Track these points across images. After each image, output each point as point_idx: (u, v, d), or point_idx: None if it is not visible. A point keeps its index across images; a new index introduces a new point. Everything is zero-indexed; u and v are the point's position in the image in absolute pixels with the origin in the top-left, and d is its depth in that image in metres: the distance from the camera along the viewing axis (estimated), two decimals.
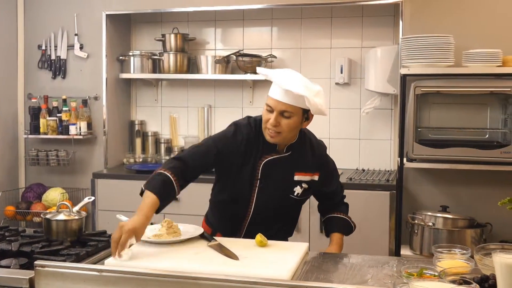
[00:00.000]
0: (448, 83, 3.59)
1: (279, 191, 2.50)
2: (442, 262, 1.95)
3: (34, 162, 4.57)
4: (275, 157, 2.47)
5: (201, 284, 1.63)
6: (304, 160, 2.52)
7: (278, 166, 2.48)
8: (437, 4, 3.83)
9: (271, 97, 2.38)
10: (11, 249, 2.17)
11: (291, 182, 2.50)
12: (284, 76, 2.38)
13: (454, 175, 3.81)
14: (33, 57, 4.69)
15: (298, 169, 2.51)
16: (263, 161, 2.47)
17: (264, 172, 2.47)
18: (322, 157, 2.62)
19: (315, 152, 2.58)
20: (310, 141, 2.60)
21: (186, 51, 4.57)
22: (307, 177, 2.53)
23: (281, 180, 2.49)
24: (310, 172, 2.53)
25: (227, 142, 2.46)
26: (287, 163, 2.49)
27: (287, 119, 2.37)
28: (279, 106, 2.35)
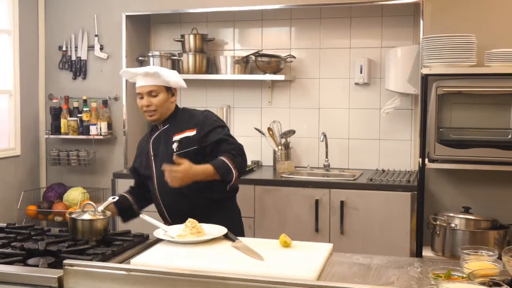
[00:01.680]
0: (470, 83, 3.57)
1: (166, 155, 2.83)
2: (469, 264, 1.93)
3: (55, 162, 4.61)
4: (157, 132, 2.93)
5: (229, 284, 1.63)
6: (180, 124, 2.89)
7: (161, 138, 2.91)
8: (459, 3, 3.80)
9: (137, 86, 2.87)
10: (38, 248, 2.19)
11: (171, 143, 2.86)
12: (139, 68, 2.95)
13: (476, 175, 3.78)
14: (54, 58, 4.73)
15: (175, 132, 2.88)
16: (150, 140, 2.94)
17: (153, 147, 2.92)
18: (199, 116, 2.91)
19: (192, 115, 2.94)
20: (190, 110, 3.02)
21: (205, 52, 4.58)
22: (182, 135, 2.85)
23: (165, 147, 2.87)
24: (186, 130, 2.86)
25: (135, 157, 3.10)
26: (167, 132, 2.90)
27: (155, 97, 2.84)
28: (146, 89, 2.84)
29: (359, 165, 4.41)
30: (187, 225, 2.39)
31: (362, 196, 3.80)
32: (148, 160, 2.92)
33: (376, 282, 1.99)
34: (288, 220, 3.90)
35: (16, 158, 4.54)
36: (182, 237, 2.32)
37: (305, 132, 4.53)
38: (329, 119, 4.48)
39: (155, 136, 2.93)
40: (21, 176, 4.60)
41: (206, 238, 2.32)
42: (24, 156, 4.61)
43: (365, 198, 3.80)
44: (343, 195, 3.82)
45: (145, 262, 2.03)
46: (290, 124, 4.54)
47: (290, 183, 3.98)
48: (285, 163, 4.30)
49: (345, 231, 3.83)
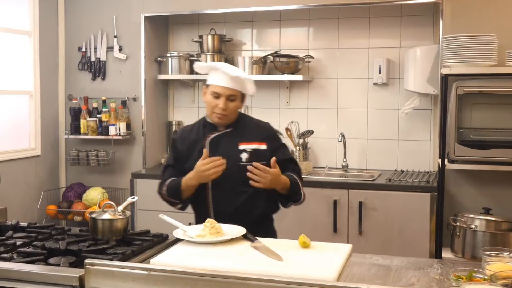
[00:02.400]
0: (491, 83, 3.53)
1: (228, 160, 2.66)
2: (491, 266, 1.91)
3: (75, 162, 4.65)
4: (218, 133, 2.76)
5: (249, 284, 1.63)
6: (247, 133, 2.76)
7: (222, 140, 2.75)
8: (479, 3, 3.77)
9: (217, 85, 2.68)
10: (59, 248, 2.21)
11: (237, 151, 2.71)
12: (224, 64, 2.74)
13: (497, 176, 3.74)
14: (74, 59, 4.78)
15: (242, 140, 2.73)
16: (208, 139, 2.75)
17: (211, 147, 2.73)
18: (268, 129, 2.84)
19: (260, 126, 2.84)
20: (252, 119, 2.90)
21: (223, 52, 4.59)
22: (252, 145, 2.73)
23: (227, 151, 2.71)
24: (256, 142, 2.73)
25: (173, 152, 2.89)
26: (230, 137, 2.75)
27: (233, 102, 2.70)
28: (227, 92, 2.67)
29: (378, 165, 4.39)
30: (206, 225, 2.40)
31: (380, 196, 3.78)
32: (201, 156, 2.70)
33: (397, 284, 1.98)
34: (307, 221, 3.89)
35: (36, 158, 4.59)
36: (201, 237, 2.32)
37: (323, 133, 4.52)
38: (348, 120, 4.46)
39: (214, 136, 2.76)
40: (41, 176, 4.65)
41: (225, 238, 2.32)
42: (44, 156, 4.66)
43: (384, 198, 3.78)
44: (362, 195, 3.81)
45: (165, 262, 2.04)
46: (308, 124, 4.54)
47: (309, 183, 3.96)
48: (303, 163, 4.29)
49: (363, 232, 3.81)
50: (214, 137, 2.76)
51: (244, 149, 2.71)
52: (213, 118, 2.74)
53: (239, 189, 2.68)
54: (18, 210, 4.24)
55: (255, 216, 2.70)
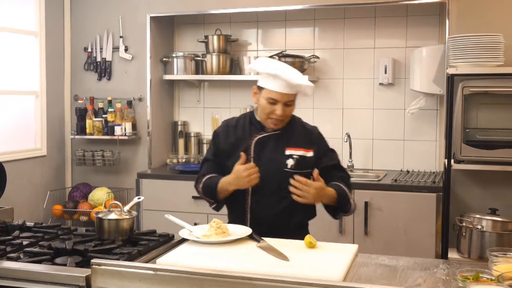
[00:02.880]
0: (497, 83, 3.52)
1: (273, 165, 2.60)
2: (498, 266, 1.91)
3: (81, 162, 4.67)
4: (265, 134, 2.65)
5: (256, 284, 1.63)
6: (294, 137, 2.66)
7: (269, 143, 2.64)
8: (485, 3, 3.76)
9: (274, 91, 2.52)
10: (65, 248, 2.21)
11: (283, 155, 2.61)
12: (284, 70, 2.53)
13: (503, 176, 3.73)
14: (79, 59, 4.79)
15: (289, 144, 2.63)
16: (254, 139, 2.64)
17: (257, 148, 2.63)
18: (315, 134, 2.74)
19: (307, 130, 2.72)
20: (300, 122, 2.76)
21: (228, 52, 4.59)
22: (299, 152, 2.63)
23: (273, 154, 2.62)
24: (303, 148, 2.64)
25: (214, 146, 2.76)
26: (277, 139, 2.64)
27: (290, 107, 2.58)
28: (285, 98, 2.53)
29: (383, 165, 4.38)
30: (212, 225, 2.40)
31: (386, 197, 3.78)
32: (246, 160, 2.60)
33: (403, 284, 1.98)
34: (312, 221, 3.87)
35: (42, 158, 4.60)
36: (207, 237, 2.33)
37: (329, 133, 4.46)
38: (353, 120, 4.46)
39: (261, 137, 2.64)
40: (47, 176, 4.66)
41: (231, 239, 2.32)
42: (50, 156, 4.67)
43: (390, 199, 3.78)
44: (367, 196, 3.80)
45: (171, 262, 2.04)
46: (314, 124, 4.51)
47: None
48: None
49: (369, 232, 3.81)
50: (260, 138, 2.64)
51: (290, 154, 2.61)
52: (267, 123, 2.62)
53: (280, 195, 2.58)
54: (24, 210, 4.25)
55: (293, 223, 2.63)
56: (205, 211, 4.14)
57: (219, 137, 2.73)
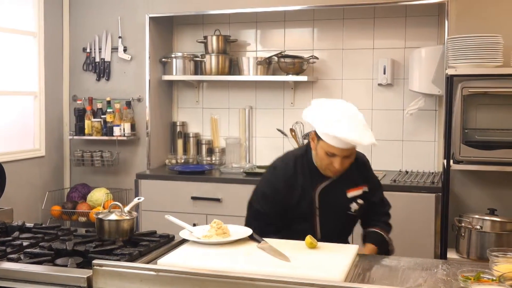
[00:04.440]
0: (496, 84, 3.52)
1: (338, 212, 2.61)
2: (499, 266, 1.91)
3: (79, 162, 4.66)
4: (328, 182, 2.59)
5: (257, 285, 1.63)
6: (352, 175, 2.62)
7: (331, 190, 2.59)
8: (484, 3, 3.76)
9: (334, 146, 2.42)
10: (65, 248, 2.21)
11: (346, 200, 2.61)
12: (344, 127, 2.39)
13: (502, 177, 3.74)
14: (78, 60, 4.78)
15: (349, 186, 2.61)
16: (317, 189, 2.58)
17: (321, 199, 2.59)
18: (365, 166, 2.73)
19: (358, 163, 2.66)
20: None
21: (227, 53, 4.59)
22: (359, 191, 2.64)
23: (337, 202, 2.60)
24: (360, 185, 2.64)
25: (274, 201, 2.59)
26: (338, 184, 2.60)
27: (349, 158, 2.51)
28: (344, 153, 2.46)
29: (382, 166, 4.38)
30: (213, 225, 2.40)
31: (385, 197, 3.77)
32: (311, 210, 2.59)
33: (404, 284, 1.98)
34: None
35: (41, 158, 4.59)
36: (208, 237, 2.33)
37: None
38: None
39: (324, 186, 2.58)
40: (46, 176, 4.65)
41: (232, 239, 2.32)
42: (48, 157, 4.66)
43: (389, 199, 3.71)
44: None
45: (172, 262, 2.04)
46: None
47: None
48: None
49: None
50: (323, 188, 2.59)
51: (353, 197, 2.62)
52: (326, 173, 2.56)
53: (343, 238, 2.68)
54: (22, 210, 4.24)
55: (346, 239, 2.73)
56: (204, 211, 4.15)
57: (280, 194, 2.58)
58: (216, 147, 4.73)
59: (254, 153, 4.68)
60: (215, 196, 4.13)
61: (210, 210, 4.11)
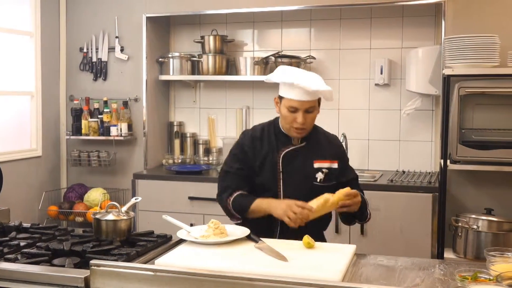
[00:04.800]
0: (493, 84, 3.53)
1: (303, 180, 2.61)
2: (496, 266, 1.91)
3: (76, 162, 4.65)
4: (292, 148, 2.63)
5: (256, 285, 1.63)
6: (320, 148, 2.67)
7: (297, 156, 2.63)
8: (481, 4, 3.77)
9: (293, 99, 2.51)
10: (63, 249, 2.20)
11: (312, 169, 2.62)
12: (300, 77, 2.52)
13: (499, 177, 3.75)
14: (75, 60, 4.78)
15: (316, 157, 2.64)
16: (282, 153, 2.62)
17: (285, 163, 2.61)
18: (338, 146, 2.76)
19: (330, 141, 2.74)
20: (323, 132, 2.77)
21: (224, 53, 4.59)
22: (326, 164, 2.65)
23: (302, 169, 2.61)
24: (328, 159, 2.66)
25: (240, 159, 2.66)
26: (304, 152, 2.64)
27: (311, 113, 2.56)
28: (305, 105, 2.52)
29: (379, 166, 4.39)
30: (210, 225, 2.40)
31: (382, 197, 3.78)
32: (274, 174, 2.61)
33: (401, 284, 1.99)
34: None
35: (38, 159, 4.59)
36: (205, 237, 2.33)
37: None
38: (349, 120, 4.46)
39: (287, 151, 2.62)
40: (42, 176, 4.64)
41: (229, 239, 2.32)
42: (45, 157, 4.66)
43: (386, 199, 3.78)
44: None
45: (170, 262, 2.04)
46: None
47: None
48: None
49: (365, 232, 3.81)
50: (287, 151, 2.62)
51: (319, 168, 2.62)
52: (291, 133, 2.60)
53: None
54: (19, 211, 4.23)
55: (316, 233, 2.54)
56: (201, 211, 4.15)
57: (247, 154, 2.65)
58: (213, 147, 4.73)
59: None
60: (212, 196, 4.06)
61: (207, 210, 4.11)
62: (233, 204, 2.62)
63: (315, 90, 2.49)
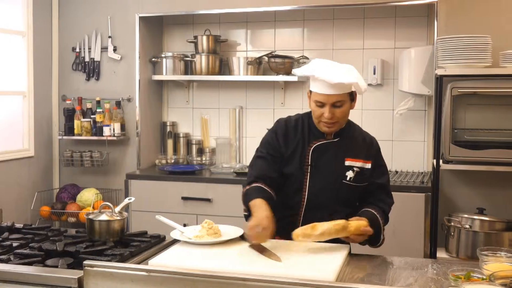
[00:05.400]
0: (485, 84, 3.55)
1: (331, 176, 2.49)
2: (488, 265, 1.92)
3: (69, 163, 4.63)
4: (324, 142, 2.51)
5: (250, 285, 1.63)
6: (354, 146, 2.53)
7: (327, 151, 2.51)
8: (473, 4, 3.79)
9: (319, 93, 2.41)
10: (56, 249, 2.20)
11: (343, 167, 2.50)
12: (324, 69, 2.40)
13: (491, 176, 3.77)
14: (68, 59, 4.76)
15: (348, 154, 2.51)
16: (312, 146, 2.51)
17: (314, 157, 2.50)
18: (373, 146, 2.61)
19: (365, 140, 2.60)
20: (360, 130, 2.64)
21: (218, 53, 4.59)
22: (358, 163, 2.51)
23: (332, 165, 2.49)
24: (362, 159, 2.52)
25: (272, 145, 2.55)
26: (336, 148, 2.51)
27: (339, 108, 2.42)
28: (331, 99, 2.39)
29: None
30: (204, 226, 2.40)
31: None
32: (302, 167, 2.50)
33: (395, 284, 1.99)
34: None
35: (30, 159, 4.57)
36: (199, 238, 2.32)
37: None
38: None
39: (318, 145, 2.51)
40: (35, 177, 4.62)
41: (223, 239, 2.32)
42: (37, 157, 4.64)
43: None
44: None
45: (163, 263, 2.03)
46: None
47: None
48: None
49: None
50: (318, 145, 2.51)
51: (350, 166, 2.49)
52: (320, 127, 2.49)
53: (335, 208, 2.48)
54: (11, 211, 4.21)
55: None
56: (194, 211, 4.15)
57: (278, 138, 2.55)
58: (206, 147, 4.73)
59: (244, 153, 4.68)
60: (205, 196, 4.13)
61: (200, 210, 4.11)
62: (244, 195, 2.49)
63: (337, 83, 2.34)
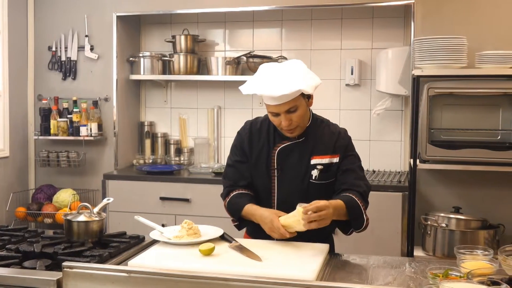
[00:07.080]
0: (461, 85, 3.60)
1: (298, 178, 2.46)
2: (466, 263, 1.95)
3: (45, 163, 4.58)
4: (288, 144, 2.48)
5: (231, 285, 1.63)
6: (321, 143, 2.48)
7: (292, 152, 2.47)
8: (449, 6, 3.84)
9: (268, 104, 2.38)
10: (33, 251, 2.17)
11: (308, 166, 2.46)
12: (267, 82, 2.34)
13: (467, 176, 3.83)
14: (43, 59, 4.70)
15: (315, 152, 2.47)
16: (277, 149, 2.48)
17: (280, 160, 2.47)
18: (341, 137, 2.52)
19: (333, 133, 2.51)
20: (328, 124, 2.57)
21: (196, 53, 4.58)
22: (325, 159, 2.46)
23: (297, 166, 2.46)
24: (329, 154, 2.46)
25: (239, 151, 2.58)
26: (302, 148, 2.47)
27: (295, 112, 2.37)
28: (282, 108, 2.35)
29: None
30: (184, 226, 2.39)
31: None
32: (268, 171, 2.49)
33: (374, 282, 2.01)
34: None
35: (5, 159, 4.50)
36: (179, 238, 2.32)
37: None
38: None
39: (282, 147, 2.48)
40: (10, 177, 4.55)
41: (203, 239, 2.32)
42: (12, 157, 4.57)
43: None
44: None
45: (143, 263, 2.03)
46: None
47: None
48: None
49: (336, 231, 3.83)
50: (282, 147, 2.48)
51: (315, 164, 2.44)
52: (284, 133, 2.46)
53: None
54: None
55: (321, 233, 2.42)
56: (172, 212, 4.13)
57: (243, 142, 2.55)
58: (184, 147, 4.71)
59: (222, 153, 4.68)
60: (183, 197, 4.12)
61: (179, 211, 4.10)
62: (228, 206, 2.54)
63: (280, 96, 2.29)
